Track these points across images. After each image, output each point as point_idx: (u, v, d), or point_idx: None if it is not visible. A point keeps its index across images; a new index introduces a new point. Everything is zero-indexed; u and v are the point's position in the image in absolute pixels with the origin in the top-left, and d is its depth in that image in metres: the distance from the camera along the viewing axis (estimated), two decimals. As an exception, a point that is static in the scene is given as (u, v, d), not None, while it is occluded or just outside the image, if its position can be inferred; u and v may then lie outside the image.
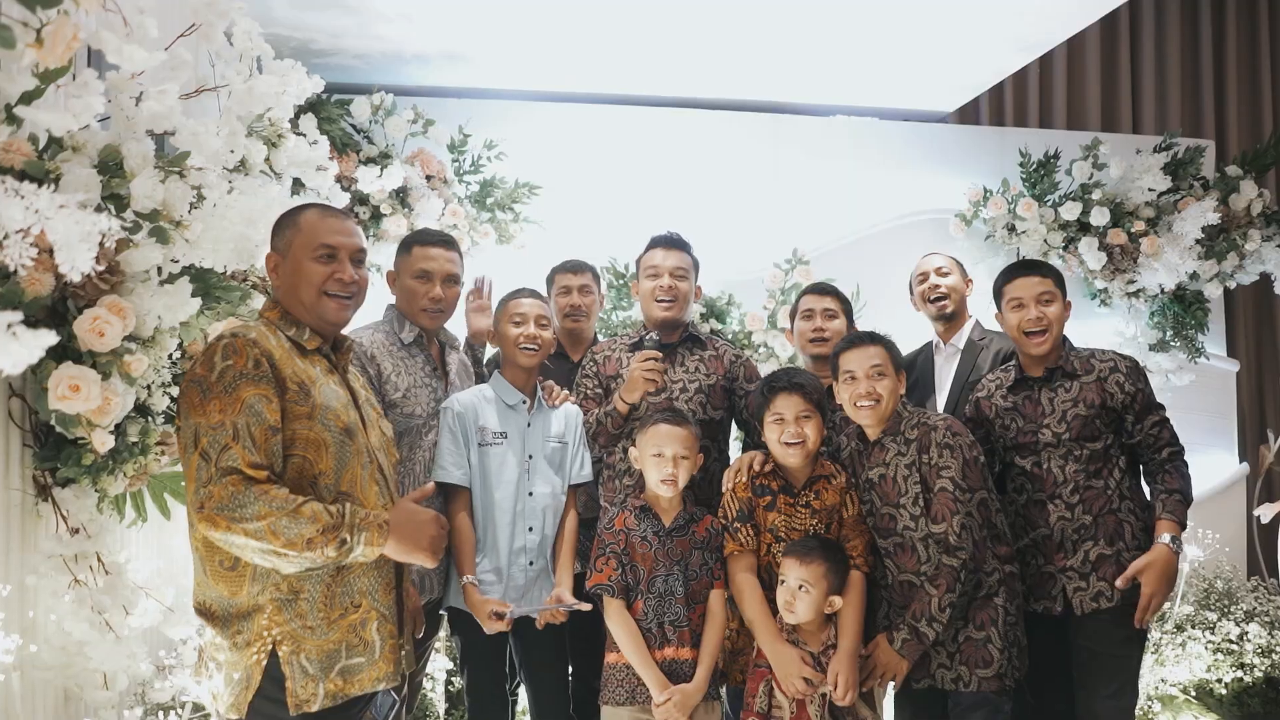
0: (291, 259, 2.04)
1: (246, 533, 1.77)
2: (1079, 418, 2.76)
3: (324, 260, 2.04)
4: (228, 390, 1.84)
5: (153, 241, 2.17)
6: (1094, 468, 2.75)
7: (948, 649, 2.54)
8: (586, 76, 4.69)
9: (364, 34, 4.07)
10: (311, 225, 2.06)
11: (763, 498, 2.64)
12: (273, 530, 1.77)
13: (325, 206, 2.17)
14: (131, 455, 2.29)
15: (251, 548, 1.80)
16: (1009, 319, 2.88)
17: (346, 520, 1.85)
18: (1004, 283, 2.92)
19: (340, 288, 2.05)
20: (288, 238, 2.07)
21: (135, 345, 2.17)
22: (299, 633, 1.89)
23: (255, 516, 1.77)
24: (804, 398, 2.61)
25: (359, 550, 1.88)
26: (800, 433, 2.60)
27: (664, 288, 3.02)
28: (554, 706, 2.80)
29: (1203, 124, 5.82)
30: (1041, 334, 2.80)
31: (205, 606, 1.93)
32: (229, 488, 1.78)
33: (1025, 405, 2.85)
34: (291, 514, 1.78)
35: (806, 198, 4.76)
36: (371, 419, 2.16)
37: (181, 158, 2.23)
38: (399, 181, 3.96)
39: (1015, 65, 4.74)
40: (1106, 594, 2.68)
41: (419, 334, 2.82)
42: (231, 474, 1.79)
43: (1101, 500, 2.73)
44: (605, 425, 2.91)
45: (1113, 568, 2.69)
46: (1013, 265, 2.98)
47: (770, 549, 2.63)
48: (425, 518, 2.00)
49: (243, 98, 2.37)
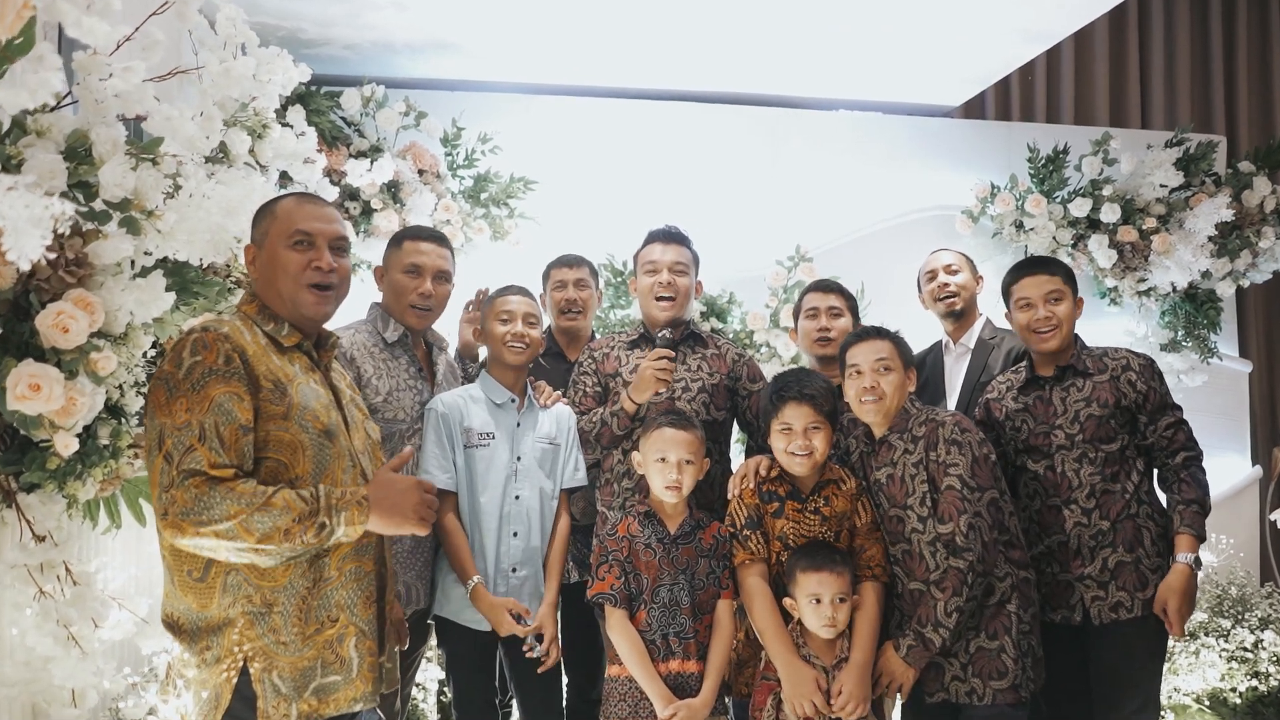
0: (268, 249, 1.95)
1: (217, 534, 1.68)
2: (1092, 418, 2.66)
3: (300, 248, 1.94)
4: (195, 388, 1.74)
5: (123, 232, 2.05)
6: (1110, 470, 2.64)
7: (960, 660, 2.42)
8: (584, 69, 4.62)
9: (353, 23, 3.99)
10: (287, 212, 1.97)
11: (770, 504, 2.53)
12: (245, 527, 1.68)
13: (304, 194, 2.08)
14: (102, 459, 2.18)
15: (225, 548, 1.71)
16: (1017, 319, 2.79)
17: (322, 503, 1.76)
18: (1012, 282, 2.83)
19: (318, 276, 1.94)
20: (264, 227, 1.97)
21: (104, 342, 2.05)
22: (271, 649, 1.78)
23: (224, 516, 1.67)
24: (815, 409, 2.49)
25: (340, 531, 1.78)
26: (808, 445, 2.49)
27: (663, 284, 2.90)
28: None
29: (1213, 119, 5.74)
30: (1052, 333, 2.71)
31: (173, 620, 1.83)
32: (191, 490, 1.68)
33: (1036, 406, 2.74)
34: (263, 507, 1.69)
35: (809, 194, 4.68)
36: (356, 421, 2.06)
37: (154, 144, 2.11)
38: (389, 175, 3.88)
39: (1024, 57, 4.66)
40: (1126, 604, 2.58)
41: (404, 333, 2.71)
42: (194, 476, 1.69)
43: (1119, 504, 2.63)
44: (610, 426, 2.79)
45: (1132, 576, 2.59)
46: (1020, 263, 2.89)
47: (779, 557, 2.51)
48: (405, 484, 1.88)
49: (218, 81, 2.25)
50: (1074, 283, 2.78)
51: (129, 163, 2.05)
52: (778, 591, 2.48)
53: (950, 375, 3.37)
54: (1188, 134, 4.75)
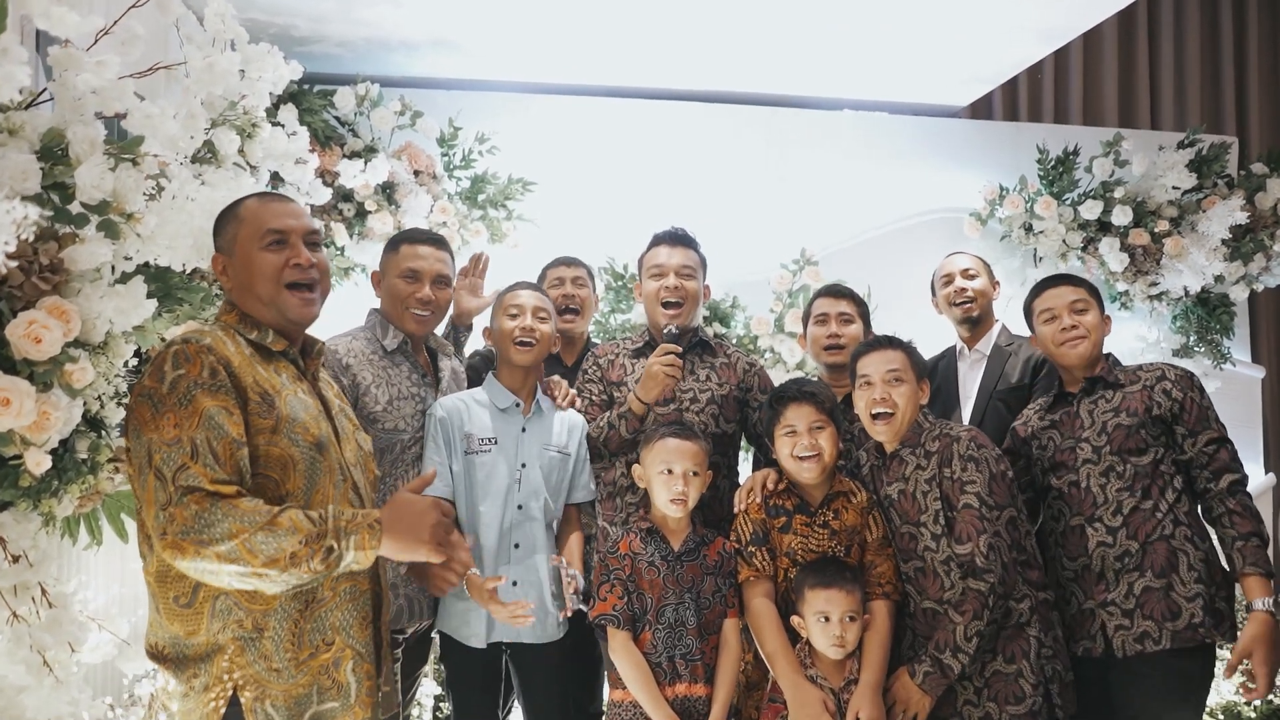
0: (240, 254, 1.85)
1: (219, 556, 1.56)
2: (1121, 427, 2.46)
3: (275, 248, 1.85)
4: (182, 402, 1.63)
5: (101, 236, 1.95)
6: (1141, 486, 2.42)
7: (975, 684, 2.31)
8: (584, 67, 4.53)
9: (347, 19, 3.89)
10: (254, 213, 1.87)
11: (776, 519, 2.44)
12: (249, 549, 1.56)
13: (265, 192, 2.00)
14: (79, 474, 2.07)
15: (227, 572, 1.59)
16: (1042, 333, 2.63)
17: (330, 525, 1.63)
18: (1033, 298, 2.68)
19: (299, 274, 1.85)
20: (230, 233, 1.88)
21: (81, 352, 1.94)
22: (264, 676, 1.68)
23: (226, 536, 1.56)
24: (816, 407, 2.43)
25: (350, 557, 1.65)
26: (814, 444, 2.40)
27: (670, 288, 2.79)
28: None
29: (1224, 120, 5.64)
30: (1079, 340, 2.55)
31: (158, 649, 1.73)
32: (191, 507, 1.57)
33: (1063, 420, 2.59)
34: (267, 527, 1.57)
35: (814, 196, 4.59)
36: (346, 431, 1.96)
37: (134, 143, 2.01)
38: (384, 176, 3.78)
39: (1035, 55, 4.57)
40: (1154, 635, 2.35)
41: (404, 340, 2.60)
42: (193, 493, 1.58)
43: (1150, 524, 2.40)
44: (619, 430, 2.67)
45: (1162, 604, 2.36)
46: (1043, 280, 2.72)
47: (787, 574, 2.42)
48: (422, 505, 1.76)
49: (203, 77, 2.14)
50: (1100, 298, 2.63)
51: (108, 163, 1.95)
52: (786, 611, 2.39)
53: (964, 383, 3.26)
54: (1200, 135, 4.66)
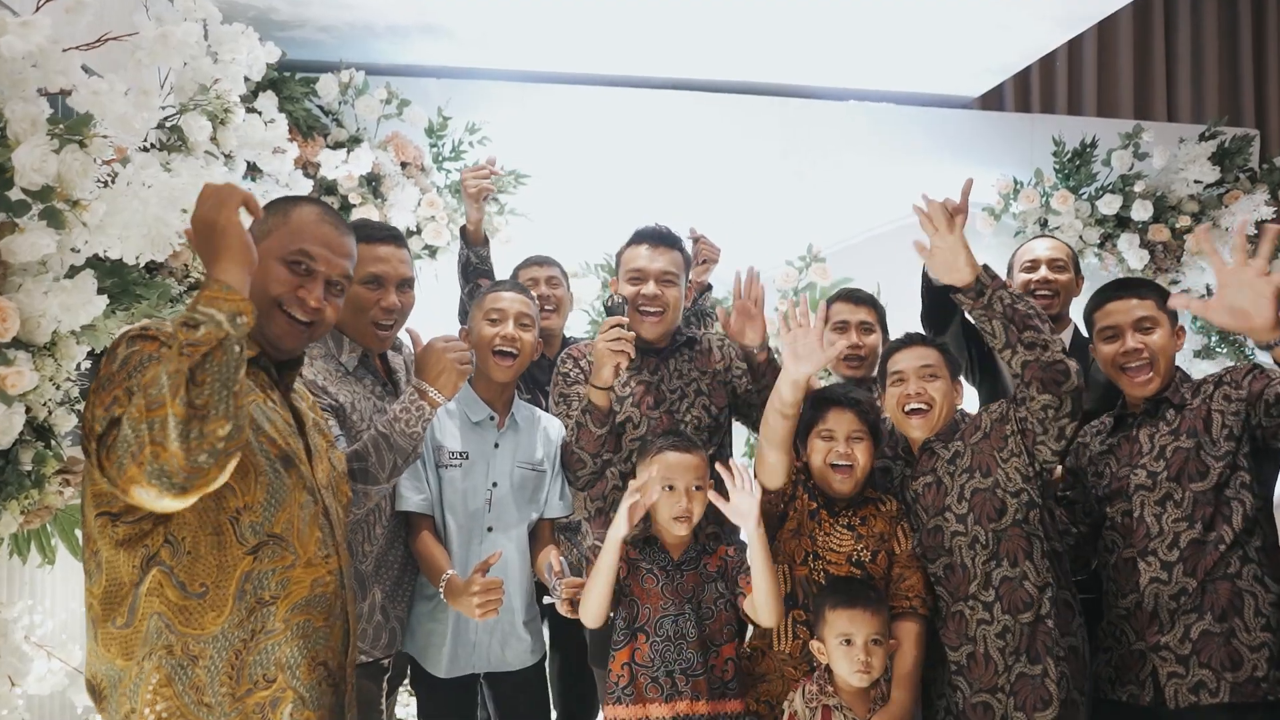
0: (262, 250, 1.62)
1: (151, 443, 1.32)
2: (1180, 450, 2.21)
3: (294, 269, 1.67)
4: (131, 375, 1.40)
5: (44, 225, 1.77)
6: (1202, 515, 2.16)
7: (1001, 685, 2.17)
8: (580, 55, 4.37)
9: (330, 2, 3.73)
10: (301, 223, 1.70)
11: (811, 502, 2.37)
12: (154, 403, 1.32)
13: (331, 211, 1.78)
14: (22, 488, 1.88)
15: (173, 440, 1.32)
16: (1103, 352, 2.36)
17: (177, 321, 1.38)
18: (1094, 308, 2.40)
19: (300, 311, 1.67)
20: (269, 225, 1.69)
21: (18, 354, 1.75)
22: (191, 710, 1.48)
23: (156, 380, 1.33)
24: (859, 416, 2.31)
25: (210, 311, 1.39)
26: (850, 454, 2.29)
27: (649, 296, 2.53)
28: None
29: (1242, 112, 5.51)
30: (1144, 368, 2.27)
31: (94, 683, 1.54)
32: (123, 429, 1.33)
33: (1121, 446, 2.35)
34: (153, 382, 1.33)
35: (820, 190, 4.47)
36: (319, 449, 1.77)
37: (81, 122, 1.82)
38: (368, 167, 3.66)
39: (1050, 44, 4.40)
40: (1210, 686, 2.10)
41: (363, 354, 2.31)
42: (117, 422, 1.35)
43: (1211, 559, 2.14)
44: (587, 425, 2.43)
45: (1222, 651, 2.11)
46: (1105, 286, 2.43)
47: (807, 563, 2.32)
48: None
49: (155, 48, 1.95)
50: (1169, 307, 2.27)
51: (51, 144, 1.77)
52: (798, 602, 2.30)
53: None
54: (1221, 127, 4.54)
